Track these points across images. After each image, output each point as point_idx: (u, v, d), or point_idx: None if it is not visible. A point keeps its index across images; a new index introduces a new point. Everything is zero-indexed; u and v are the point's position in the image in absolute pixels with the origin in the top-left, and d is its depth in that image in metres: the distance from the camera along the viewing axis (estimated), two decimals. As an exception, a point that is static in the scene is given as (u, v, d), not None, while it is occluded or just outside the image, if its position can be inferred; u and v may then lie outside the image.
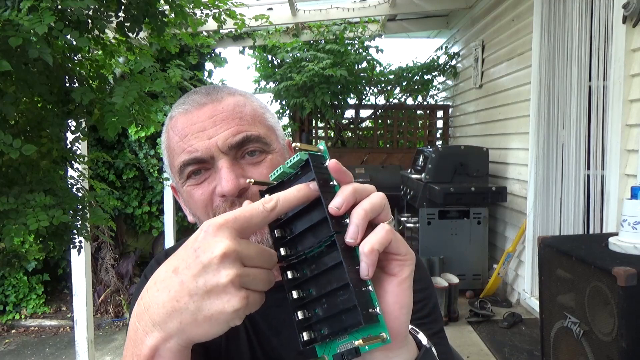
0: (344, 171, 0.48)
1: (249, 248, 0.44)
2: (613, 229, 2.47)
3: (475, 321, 3.51)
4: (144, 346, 0.46)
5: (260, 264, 0.45)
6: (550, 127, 3.36)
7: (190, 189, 0.71)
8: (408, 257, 0.48)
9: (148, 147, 4.94)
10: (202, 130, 0.69)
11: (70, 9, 1.46)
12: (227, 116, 0.70)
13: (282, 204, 0.46)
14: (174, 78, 2.39)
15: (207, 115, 0.70)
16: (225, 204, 0.69)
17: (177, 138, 0.71)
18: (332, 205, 0.45)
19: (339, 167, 0.47)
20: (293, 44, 5.36)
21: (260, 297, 0.46)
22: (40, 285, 4.86)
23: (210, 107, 0.71)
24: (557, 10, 3.24)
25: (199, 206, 0.71)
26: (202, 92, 0.75)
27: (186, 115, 0.72)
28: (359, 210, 0.45)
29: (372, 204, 0.46)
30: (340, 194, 0.46)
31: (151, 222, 5.36)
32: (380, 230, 0.45)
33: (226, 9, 2.09)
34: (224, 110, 0.71)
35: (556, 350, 1.89)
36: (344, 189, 0.46)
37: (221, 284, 0.42)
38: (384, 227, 0.45)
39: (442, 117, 6.16)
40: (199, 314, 0.43)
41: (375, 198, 0.47)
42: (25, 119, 1.65)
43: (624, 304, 1.46)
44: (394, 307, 0.47)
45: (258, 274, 0.45)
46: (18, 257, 1.80)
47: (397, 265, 0.47)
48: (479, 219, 4.03)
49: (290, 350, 0.76)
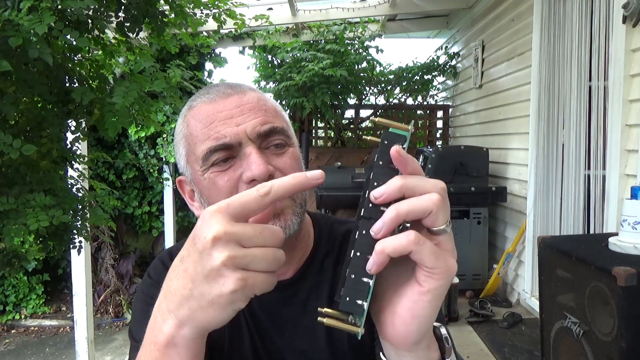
0: (405, 161, 0.45)
1: (244, 228, 0.44)
2: (613, 229, 2.47)
3: (475, 321, 3.51)
4: (161, 334, 0.48)
5: (261, 243, 0.44)
6: (550, 127, 3.36)
7: (214, 175, 0.70)
8: (436, 272, 0.44)
9: (148, 147, 4.94)
10: (229, 117, 0.70)
11: (70, 9, 1.46)
12: (254, 107, 0.71)
13: (275, 191, 0.45)
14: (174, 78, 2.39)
15: (234, 104, 0.71)
16: None
17: (201, 125, 0.71)
18: (372, 193, 0.44)
19: (397, 155, 0.44)
20: (293, 44, 5.36)
21: (266, 277, 0.44)
22: (40, 285, 4.86)
23: (236, 97, 0.72)
24: (557, 10, 3.24)
25: (223, 193, 0.70)
26: (224, 84, 0.75)
27: (211, 104, 0.71)
28: (392, 209, 0.43)
29: (412, 207, 0.43)
30: (387, 184, 0.44)
31: (151, 222, 5.36)
32: (402, 236, 0.43)
33: (226, 9, 2.09)
34: (250, 102, 0.72)
35: (556, 350, 1.89)
36: (392, 181, 0.44)
37: (215, 268, 0.43)
38: (408, 236, 0.43)
39: (442, 117, 6.16)
40: (202, 299, 0.45)
41: (422, 201, 0.44)
42: (25, 119, 1.65)
43: (624, 304, 1.46)
44: (407, 313, 0.46)
45: (259, 253, 0.44)
46: (18, 257, 1.80)
47: (422, 275, 0.45)
48: (479, 219, 4.04)
49: (293, 349, 0.76)
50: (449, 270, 0.45)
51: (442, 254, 0.44)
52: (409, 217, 0.44)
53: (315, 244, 0.81)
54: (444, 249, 0.45)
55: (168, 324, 0.47)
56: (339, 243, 0.82)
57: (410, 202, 0.44)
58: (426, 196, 0.44)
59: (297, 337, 0.76)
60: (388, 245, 0.43)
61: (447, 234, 0.46)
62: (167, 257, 0.82)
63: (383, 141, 0.45)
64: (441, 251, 0.45)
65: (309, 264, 0.79)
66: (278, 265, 0.45)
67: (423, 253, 0.43)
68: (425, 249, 0.43)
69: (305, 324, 0.76)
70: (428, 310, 0.46)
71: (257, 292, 0.44)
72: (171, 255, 0.82)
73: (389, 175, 0.45)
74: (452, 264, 0.45)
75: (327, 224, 0.85)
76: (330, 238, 0.83)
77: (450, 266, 0.45)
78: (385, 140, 0.45)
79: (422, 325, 0.47)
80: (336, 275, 0.79)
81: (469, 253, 4.02)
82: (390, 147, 0.44)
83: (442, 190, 0.45)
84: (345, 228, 0.84)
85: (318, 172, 0.46)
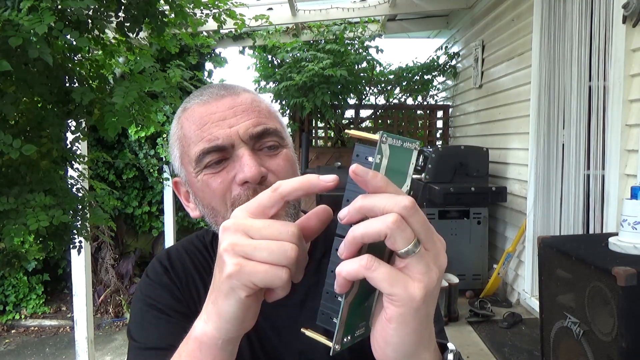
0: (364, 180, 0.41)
1: (253, 221, 0.45)
2: (613, 229, 2.47)
3: (475, 321, 3.51)
4: (195, 329, 0.50)
5: (269, 236, 0.44)
6: (550, 127, 3.36)
7: (207, 177, 0.70)
8: (394, 299, 0.41)
9: (148, 147, 4.94)
10: (222, 119, 0.70)
11: (70, 9, 1.46)
12: (247, 108, 0.71)
13: (283, 187, 0.46)
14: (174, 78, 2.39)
15: (227, 106, 0.71)
16: (248, 191, 0.68)
17: (194, 127, 0.71)
18: (339, 214, 0.43)
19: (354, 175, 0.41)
20: (293, 44, 5.36)
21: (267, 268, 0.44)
22: (40, 285, 4.86)
23: (230, 99, 0.72)
24: (557, 10, 3.24)
25: (216, 194, 0.70)
26: (218, 86, 0.75)
27: (205, 106, 0.72)
28: (350, 232, 0.42)
29: (366, 231, 0.41)
30: (350, 205, 0.42)
31: (151, 222, 5.36)
32: (355, 261, 0.41)
33: (226, 9, 2.09)
34: (243, 103, 0.72)
35: (556, 350, 1.89)
36: (355, 202, 0.42)
37: (220, 254, 0.45)
38: (360, 260, 0.41)
39: (442, 117, 6.16)
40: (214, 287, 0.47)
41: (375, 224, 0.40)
42: (25, 119, 1.65)
43: (624, 304, 1.46)
44: (379, 337, 0.45)
45: (262, 243, 0.44)
46: (18, 257, 1.80)
47: (385, 300, 0.43)
48: (479, 219, 4.04)
49: (291, 350, 0.76)
50: (409, 297, 0.41)
51: (400, 280, 0.41)
52: (365, 240, 0.41)
53: (313, 244, 0.81)
54: (409, 273, 0.42)
55: (201, 320, 0.50)
56: None
57: (365, 225, 0.41)
58: (382, 218, 0.40)
59: (295, 338, 0.76)
60: (344, 270, 0.41)
61: (416, 255, 0.41)
62: (165, 257, 0.82)
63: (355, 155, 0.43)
64: (401, 276, 0.41)
65: (307, 265, 0.79)
66: (285, 258, 0.44)
67: (376, 279, 0.41)
68: (378, 274, 0.41)
69: (303, 324, 0.76)
70: (396, 339, 0.43)
71: (258, 283, 0.44)
72: (169, 256, 0.82)
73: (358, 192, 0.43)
74: (413, 290, 0.41)
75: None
76: (327, 239, 0.83)
77: (412, 292, 0.41)
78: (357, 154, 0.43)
79: (397, 352, 0.45)
80: None
81: (469, 253, 4.02)
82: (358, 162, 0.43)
83: (405, 209, 0.41)
84: None
85: (331, 176, 0.45)
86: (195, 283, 0.78)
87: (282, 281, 0.44)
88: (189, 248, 0.83)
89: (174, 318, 0.73)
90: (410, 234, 0.41)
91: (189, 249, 0.83)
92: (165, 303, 0.76)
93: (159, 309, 0.75)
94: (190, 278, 0.79)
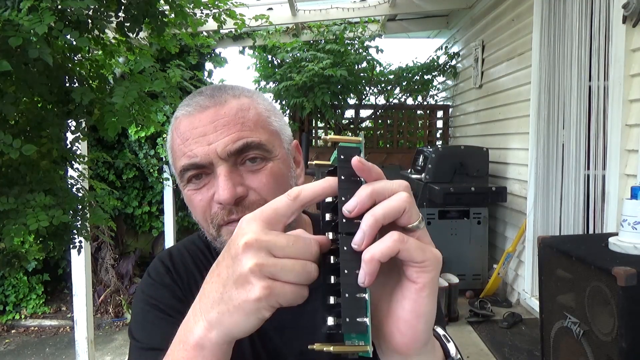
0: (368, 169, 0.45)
1: (277, 237, 0.44)
2: (613, 229, 2.47)
3: (475, 321, 3.51)
4: (191, 334, 0.49)
5: (293, 254, 0.44)
6: (550, 127, 3.36)
7: (190, 193, 0.71)
8: (427, 264, 0.44)
9: (148, 147, 4.94)
10: (202, 135, 0.69)
11: (70, 9, 1.46)
12: (229, 121, 0.69)
13: (304, 194, 0.45)
14: (174, 78, 2.39)
15: (209, 120, 0.69)
16: (224, 211, 0.69)
17: (179, 141, 0.71)
18: (345, 208, 0.44)
19: (360, 165, 0.44)
20: (293, 44, 5.36)
21: (293, 289, 0.44)
22: (40, 285, 4.86)
23: (213, 111, 0.70)
24: (557, 10, 3.24)
25: (197, 211, 0.72)
26: (207, 93, 0.73)
27: (189, 118, 0.71)
28: (368, 216, 0.43)
29: (386, 210, 0.43)
30: (357, 195, 0.44)
31: (151, 222, 5.36)
32: (387, 239, 0.43)
33: (226, 9, 2.09)
34: (226, 115, 0.70)
35: (556, 350, 1.89)
36: (361, 191, 0.44)
37: (243, 273, 0.44)
38: (392, 236, 0.42)
39: (442, 117, 6.16)
40: (230, 303, 0.45)
41: (393, 202, 0.44)
42: (25, 119, 1.65)
43: (624, 304, 1.46)
44: (410, 315, 0.46)
45: (288, 264, 0.43)
46: (18, 257, 1.80)
47: (414, 272, 0.45)
48: (479, 219, 4.03)
49: (293, 349, 0.76)
50: (437, 259, 0.45)
51: (425, 247, 0.45)
52: (386, 220, 0.43)
53: None
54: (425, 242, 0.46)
55: (199, 326, 0.48)
56: None
57: (384, 206, 0.43)
58: (396, 196, 0.44)
59: (297, 338, 0.76)
60: (376, 251, 0.42)
61: (421, 230, 0.46)
62: (167, 257, 0.82)
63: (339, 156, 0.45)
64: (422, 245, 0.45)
65: None
66: (308, 279, 0.44)
67: (411, 250, 0.43)
68: (411, 245, 0.43)
69: (305, 325, 0.76)
70: (429, 306, 0.46)
71: (283, 303, 0.44)
72: (171, 255, 0.82)
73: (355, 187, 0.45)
74: (437, 253, 0.46)
75: None
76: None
77: (437, 255, 0.45)
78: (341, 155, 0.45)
79: (428, 322, 0.46)
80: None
81: (469, 253, 4.02)
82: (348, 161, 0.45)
83: (408, 188, 0.46)
84: None
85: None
86: (197, 283, 0.78)
87: (304, 299, 0.45)
88: (191, 248, 0.83)
89: (175, 318, 0.73)
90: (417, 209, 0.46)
91: (191, 248, 0.83)
92: (167, 303, 0.76)
93: (161, 309, 0.75)
94: (192, 278, 0.78)
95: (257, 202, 0.68)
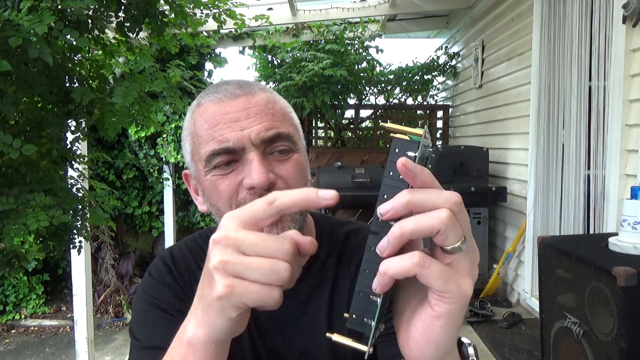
0: (413, 174, 0.40)
1: (247, 235, 0.42)
2: (613, 229, 2.47)
3: (475, 321, 3.51)
4: (185, 332, 0.49)
5: (263, 253, 0.42)
6: (550, 127, 3.36)
7: (216, 178, 0.70)
8: (446, 296, 0.41)
9: (148, 147, 4.94)
10: (235, 120, 0.68)
11: (70, 9, 1.46)
12: (261, 110, 0.70)
13: (280, 201, 0.44)
14: (174, 78, 2.39)
15: (241, 107, 0.69)
16: (254, 196, 0.67)
17: (206, 125, 0.70)
18: (379, 209, 0.41)
19: (404, 168, 0.40)
20: (293, 44, 5.36)
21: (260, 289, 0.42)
22: (40, 285, 4.85)
23: (244, 99, 0.70)
24: (557, 10, 3.24)
25: (222, 197, 0.70)
26: (235, 83, 0.74)
27: (218, 105, 0.70)
28: (396, 228, 0.40)
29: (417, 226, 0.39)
30: (393, 200, 0.40)
31: (151, 222, 5.36)
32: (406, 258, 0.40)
33: (226, 9, 2.09)
34: (257, 104, 0.70)
35: (556, 350, 1.89)
36: (399, 197, 0.40)
37: (209, 270, 0.43)
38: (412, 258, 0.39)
39: (442, 117, 6.16)
40: (204, 301, 0.45)
41: (428, 219, 0.39)
42: (25, 119, 1.65)
43: (624, 304, 1.46)
44: (420, 337, 0.44)
45: (254, 262, 0.41)
46: (18, 257, 1.80)
47: (433, 298, 0.42)
48: (479, 219, 4.03)
49: (294, 349, 0.76)
50: (462, 293, 0.41)
51: (452, 276, 0.41)
52: (414, 236, 0.40)
53: (317, 244, 0.81)
54: (457, 269, 0.41)
55: (190, 323, 0.48)
56: (340, 244, 0.82)
57: (416, 221, 0.40)
58: (433, 213, 0.40)
59: (298, 337, 0.76)
60: (391, 267, 0.40)
61: (462, 252, 0.41)
62: (168, 256, 0.82)
63: (393, 150, 0.41)
64: (452, 272, 0.41)
65: (311, 265, 0.79)
66: (277, 279, 0.42)
67: (430, 277, 0.40)
68: (431, 272, 0.40)
69: (306, 324, 0.76)
70: (442, 336, 0.42)
71: (250, 304, 0.42)
72: (172, 254, 0.82)
73: (399, 187, 0.41)
74: (465, 286, 0.41)
75: (328, 225, 0.85)
76: (331, 239, 0.83)
77: (464, 289, 0.41)
78: (395, 149, 0.41)
79: (438, 350, 0.44)
80: (337, 276, 0.79)
81: (469, 253, 4.01)
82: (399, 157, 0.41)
83: (455, 205, 0.41)
84: (347, 229, 0.85)
85: (331, 193, 0.43)
86: (198, 282, 0.78)
87: (274, 301, 0.42)
88: (192, 247, 0.83)
89: (176, 317, 0.73)
90: (460, 231, 0.41)
91: (192, 247, 0.83)
92: (168, 302, 0.76)
93: (162, 308, 0.75)
94: (194, 277, 0.78)
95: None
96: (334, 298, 0.78)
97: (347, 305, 0.76)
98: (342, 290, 0.79)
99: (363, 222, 0.89)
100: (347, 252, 0.81)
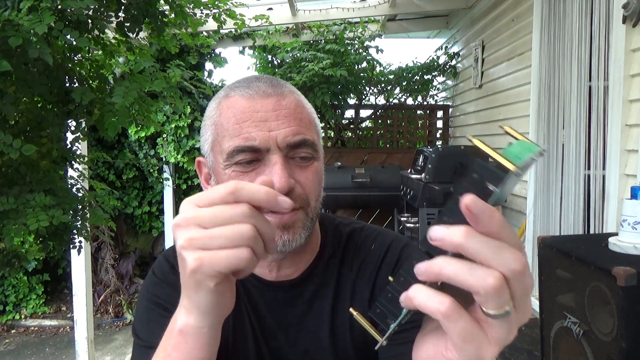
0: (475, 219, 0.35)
1: (203, 211, 0.45)
2: (613, 229, 2.47)
3: (475, 321, 3.51)
4: (175, 322, 0.52)
5: (223, 222, 0.45)
6: (550, 127, 3.36)
7: (235, 174, 0.69)
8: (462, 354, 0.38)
9: (148, 147, 4.94)
10: (263, 120, 0.68)
11: (70, 9, 1.46)
12: (290, 114, 0.70)
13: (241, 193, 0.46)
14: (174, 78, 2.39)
15: (271, 107, 0.69)
16: None
17: (233, 120, 0.69)
18: (429, 232, 0.37)
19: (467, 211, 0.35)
20: (293, 44, 5.36)
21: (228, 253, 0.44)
22: (40, 285, 4.86)
23: (275, 99, 0.70)
24: (557, 10, 3.24)
25: None
26: (267, 81, 0.73)
27: (248, 101, 0.70)
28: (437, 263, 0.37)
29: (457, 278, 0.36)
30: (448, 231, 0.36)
31: (151, 222, 5.37)
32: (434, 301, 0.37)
33: (226, 9, 2.10)
34: (288, 107, 0.70)
35: (556, 350, 1.89)
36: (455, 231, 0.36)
37: (179, 251, 0.47)
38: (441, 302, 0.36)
39: (442, 117, 6.16)
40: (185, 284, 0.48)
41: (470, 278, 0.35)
42: (25, 119, 1.65)
43: (624, 304, 1.46)
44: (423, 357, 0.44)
45: (216, 231, 0.44)
46: (18, 257, 1.80)
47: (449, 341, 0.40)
48: (479, 219, 4.03)
49: (297, 348, 0.76)
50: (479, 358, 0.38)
51: (476, 339, 0.37)
52: (451, 283, 0.36)
53: (321, 244, 0.81)
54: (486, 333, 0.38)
55: (181, 313, 0.51)
56: (343, 244, 0.82)
57: (457, 271, 0.36)
58: (480, 273, 0.35)
59: (301, 337, 0.76)
60: (417, 298, 0.38)
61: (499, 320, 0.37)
62: (172, 255, 0.81)
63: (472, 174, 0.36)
64: (478, 334, 0.37)
65: (315, 265, 0.79)
66: (242, 239, 0.44)
67: (451, 330, 0.37)
68: (455, 327, 0.37)
69: (309, 324, 0.76)
70: None
71: (222, 269, 0.45)
72: (175, 253, 0.82)
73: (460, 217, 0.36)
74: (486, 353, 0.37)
75: (332, 225, 0.85)
76: (335, 239, 0.83)
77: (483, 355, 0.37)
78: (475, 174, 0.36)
79: None
80: (340, 276, 0.79)
81: (469, 253, 4.01)
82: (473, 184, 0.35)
83: (511, 273, 0.36)
84: (350, 229, 0.85)
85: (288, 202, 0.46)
86: None
87: (246, 261, 0.44)
88: None
89: None
90: (506, 300, 0.36)
91: None
92: (171, 301, 0.75)
93: (165, 307, 0.75)
94: None
95: (301, 197, 0.69)
96: (338, 298, 0.78)
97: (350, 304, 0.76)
98: (345, 290, 0.79)
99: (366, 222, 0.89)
100: (350, 252, 0.82)
